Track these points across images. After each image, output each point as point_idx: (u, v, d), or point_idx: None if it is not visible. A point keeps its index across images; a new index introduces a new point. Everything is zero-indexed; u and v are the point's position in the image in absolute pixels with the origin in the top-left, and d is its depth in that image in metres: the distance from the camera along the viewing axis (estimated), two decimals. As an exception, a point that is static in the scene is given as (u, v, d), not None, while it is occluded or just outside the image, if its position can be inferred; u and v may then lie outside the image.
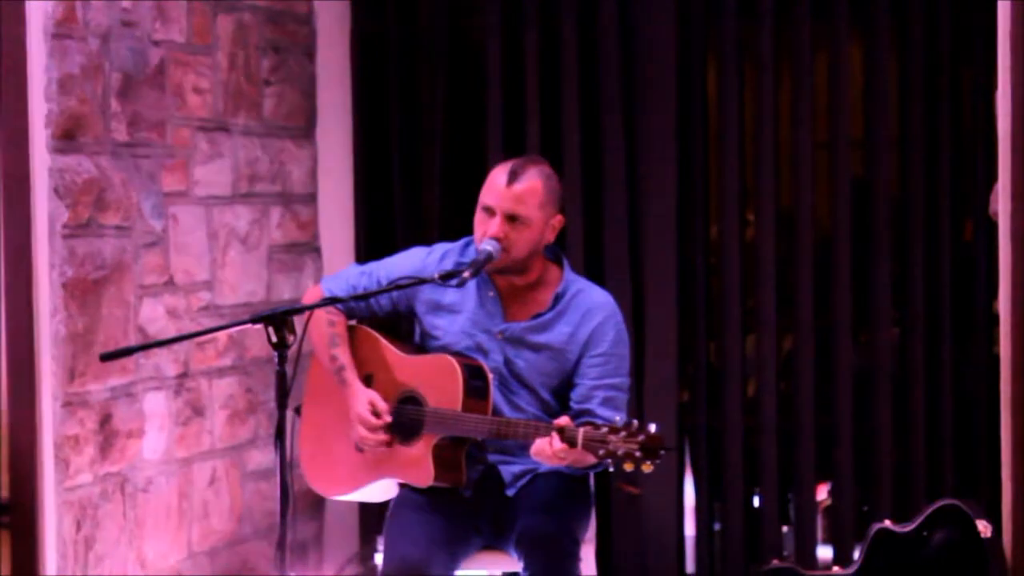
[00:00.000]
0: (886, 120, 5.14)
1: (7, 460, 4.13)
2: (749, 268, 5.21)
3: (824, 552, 5.25)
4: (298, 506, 5.06)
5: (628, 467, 3.50)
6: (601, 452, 3.53)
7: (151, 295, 4.50)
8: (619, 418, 3.59)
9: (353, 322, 4.16)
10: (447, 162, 5.33)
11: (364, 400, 3.97)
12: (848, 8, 5.10)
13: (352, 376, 4.04)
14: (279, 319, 3.37)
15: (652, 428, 3.51)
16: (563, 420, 3.65)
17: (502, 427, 3.82)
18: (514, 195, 3.86)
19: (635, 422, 3.53)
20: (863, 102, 5.19)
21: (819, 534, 5.26)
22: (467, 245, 4.07)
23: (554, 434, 3.62)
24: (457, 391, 3.86)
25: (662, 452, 3.51)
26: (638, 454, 3.48)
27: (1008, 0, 4.40)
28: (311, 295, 4.17)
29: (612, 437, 3.51)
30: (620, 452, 3.50)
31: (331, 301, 3.94)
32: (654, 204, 5.17)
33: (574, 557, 3.86)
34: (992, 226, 4.61)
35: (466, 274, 3.79)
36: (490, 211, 3.87)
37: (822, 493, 5.32)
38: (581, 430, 3.58)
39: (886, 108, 5.13)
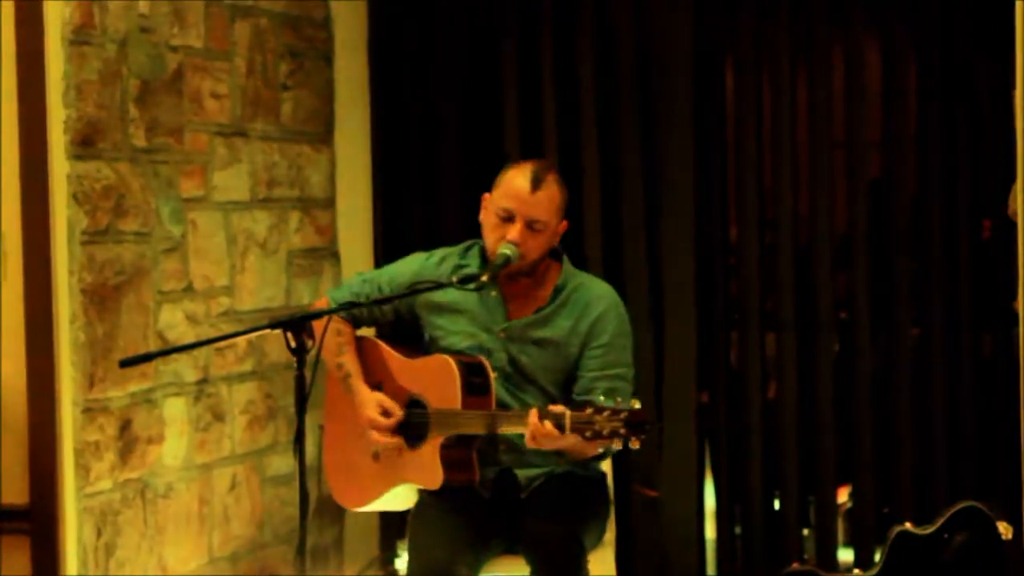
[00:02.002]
0: (904, 120, 5.13)
1: (28, 466, 4.14)
2: (768, 269, 5.20)
3: (845, 555, 5.24)
4: (318, 511, 5.07)
5: (616, 445, 3.51)
6: (588, 433, 3.52)
7: (170, 301, 4.51)
8: (602, 398, 3.58)
9: (358, 332, 4.19)
10: (465, 165, 5.33)
11: (373, 403, 3.99)
12: (865, 7, 5.09)
13: (359, 383, 4.06)
14: (298, 324, 3.37)
15: (635, 404, 3.51)
16: (558, 407, 3.65)
17: (497, 419, 3.83)
18: (538, 202, 3.86)
19: (619, 399, 3.53)
20: (881, 102, 5.18)
21: (840, 537, 5.25)
22: (468, 249, 4.08)
23: (545, 420, 3.62)
24: (456, 389, 3.86)
25: (647, 427, 3.50)
26: (623, 431, 3.48)
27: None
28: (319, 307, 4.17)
29: (597, 417, 3.50)
30: (606, 432, 3.49)
31: (350, 306, 3.95)
32: (672, 206, 5.17)
33: (578, 561, 3.83)
34: (1011, 226, 4.59)
35: (484, 278, 3.80)
36: (510, 216, 3.86)
37: (843, 495, 5.30)
38: (568, 413, 3.56)
39: (904, 108, 5.12)
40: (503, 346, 3.99)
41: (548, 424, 3.59)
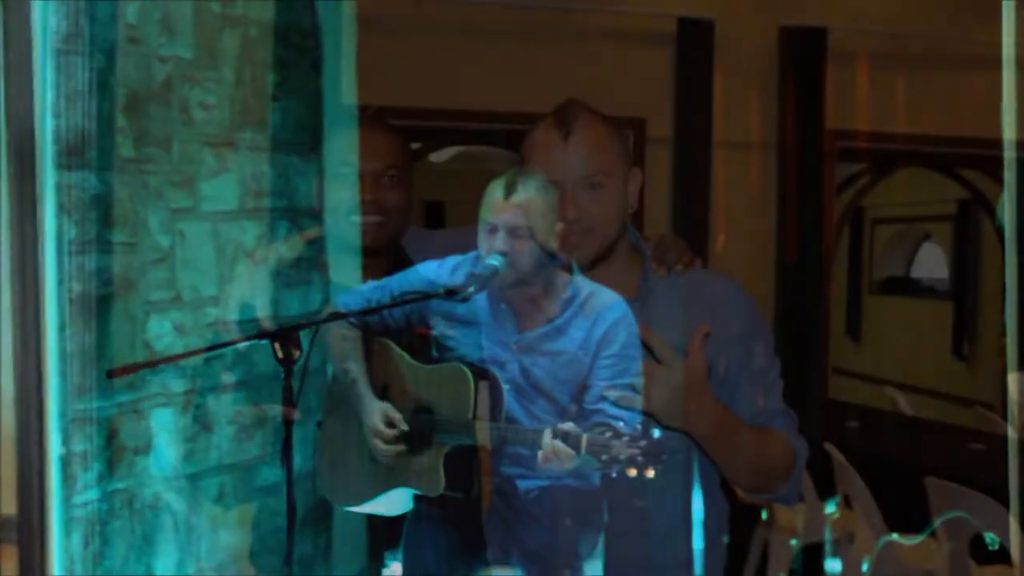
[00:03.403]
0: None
1: (14, 476, 4.14)
2: (752, 275, 5.20)
3: (832, 566, 5.24)
4: (306, 520, 5.06)
5: (631, 472, 3.50)
6: (604, 457, 3.52)
7: (158, 311, 4.51)
8: (623, 422, 3.58)
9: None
10: (454, 173, 5.33)
11: (378, 412, 4.01)
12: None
13: (365, 389, 4.07)
14: (286, 335, 3.38)
15: (656, 433, 3.51)
16: (567, 425, 3.65)
17: (509, 433, 3.84)
18: (512, 209, 3.87)
19: (639, 427, 3.53)
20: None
21: (828, 548, 5.25)
22: (479, 256, 4.10)
23: (557, 440, 3.62)
24: (468, 399, 3.87)
25: (664, 457, 3.50)
26: (640, 459, 3.48)
27: (1012, 0, 4.39)
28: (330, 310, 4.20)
29: (615, 442, 3.51)
30: (623, 457, 3.49)
31: (335, 317, 3.97)
32: (656, 210, 5.17)
33: (575, 571, 3.85)
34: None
35: (470, 290, 3.81)
36: (491, 227, 3.88)
37: (831, 506, 5.31)
38: (585, 435, 3.57)
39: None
40: (515, 358, 4.00)
41: (561, 445, 3.59)
